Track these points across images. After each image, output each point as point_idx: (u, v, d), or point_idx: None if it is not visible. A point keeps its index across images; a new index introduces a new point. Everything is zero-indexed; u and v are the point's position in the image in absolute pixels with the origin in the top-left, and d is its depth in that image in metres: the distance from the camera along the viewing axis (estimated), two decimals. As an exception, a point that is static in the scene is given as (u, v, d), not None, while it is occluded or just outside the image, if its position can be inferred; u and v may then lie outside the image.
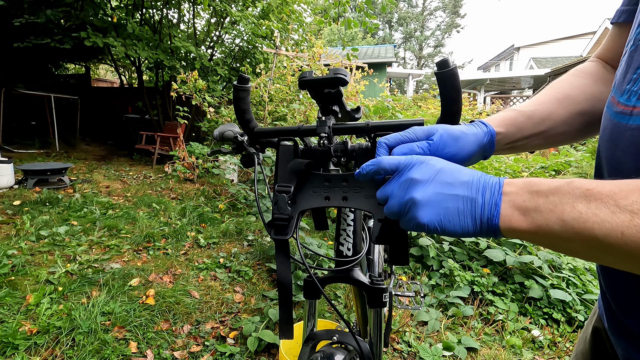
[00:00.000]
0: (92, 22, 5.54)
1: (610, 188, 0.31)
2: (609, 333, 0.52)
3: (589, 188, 0.32)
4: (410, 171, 0.41)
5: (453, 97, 0.52)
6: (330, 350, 0.77)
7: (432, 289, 2.35)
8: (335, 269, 0.74)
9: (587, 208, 0.31)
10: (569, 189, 0.33)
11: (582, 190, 0.32)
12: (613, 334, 0.50)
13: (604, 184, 0.32)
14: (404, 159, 0.43)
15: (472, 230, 0.38)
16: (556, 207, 0.33)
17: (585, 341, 0.62)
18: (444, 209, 0.38)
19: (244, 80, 0.65)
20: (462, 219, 0.38)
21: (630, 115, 0.40)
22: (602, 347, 0.57)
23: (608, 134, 0.44)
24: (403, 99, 8.48)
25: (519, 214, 0.35)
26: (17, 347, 1.59)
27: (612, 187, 0.31)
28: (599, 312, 0.58)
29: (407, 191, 0.40)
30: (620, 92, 0.43)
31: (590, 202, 0.31)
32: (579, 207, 0.31)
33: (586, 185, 0.32)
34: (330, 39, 24.13)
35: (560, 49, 18.89)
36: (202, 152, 4.68)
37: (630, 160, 0.40)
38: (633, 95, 0.40)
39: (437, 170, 0.40)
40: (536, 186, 0.35)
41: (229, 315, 2.04)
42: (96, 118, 9.47)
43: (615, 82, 0.45)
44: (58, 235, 2.86)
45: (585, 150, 5.43)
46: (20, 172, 4.57)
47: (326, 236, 3.08)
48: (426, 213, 0.39)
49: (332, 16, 4.90)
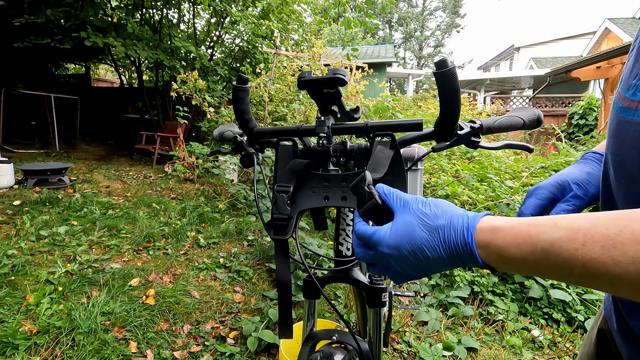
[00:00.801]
0: (92, 22, 5.54)
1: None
2: (613, 334, 0.52)
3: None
4: (382, 262, 0.46)
5: (452, 96, 0.52)
6: (329, 350, 0.77)
7: (432, 289, 2.35)
8: (335, 268, 0.74)
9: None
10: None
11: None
12: (618, 334, 0.50)
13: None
14: None
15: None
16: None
17: (590, 343, 0.62)
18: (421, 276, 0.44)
19: (243, 80, 0.65)
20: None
21: (635, 111, 0.40)
22: (607, 348, 0.57)
23: (614, 129, 0.44)
24: (403, 99, 8.48)
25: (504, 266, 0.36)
26: (17, 347, 1.59)
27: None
28: (604, 313, 0.58)
29: (386, 272, 0.45)
30: (626, 87, 0.42)
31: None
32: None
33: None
34: (330, 39, 24.13)
35: (560, 49, 18.88)
36: (202, 152, 4.68)
37: (634, 156, 0.39)
38: (639, 91, 0.40)
39: (402, 262, 0.42)
40: (512, 253, 0.35)
41: (229, 315, 2.04)
42: (96, 118, 9.47)
43: (623, 77, 0.45)
44: (58, 235, 2.86)
45: (585, 150, 5.42)
46: (20, 172, 4.57)
47: (326, 236, 3.08)
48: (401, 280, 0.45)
49: (332, 16, 4.90)
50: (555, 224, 0.32)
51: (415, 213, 0.41)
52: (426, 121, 3.77)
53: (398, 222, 0.42)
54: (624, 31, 12.13)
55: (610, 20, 13.06)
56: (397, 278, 0.44)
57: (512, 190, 2.93)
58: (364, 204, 0.46)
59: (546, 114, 10.86)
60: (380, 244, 0.42)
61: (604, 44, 13.46)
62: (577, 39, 18.64)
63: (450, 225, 0.38)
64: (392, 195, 0.45)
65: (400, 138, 0.66)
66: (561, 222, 0.32)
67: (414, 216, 0.41)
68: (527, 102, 12.33)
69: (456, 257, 0.38)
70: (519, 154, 5.02)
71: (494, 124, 0.62)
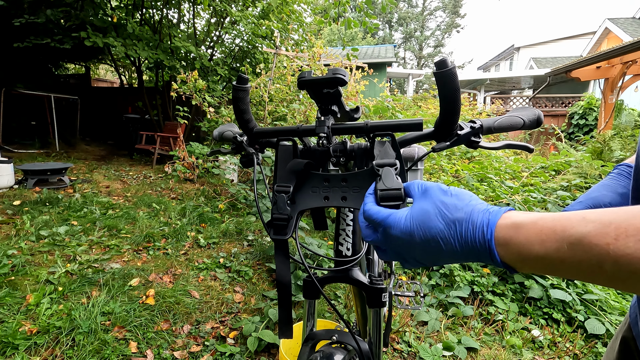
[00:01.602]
0: (92, 22, 5.54)
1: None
2: (637, 340, 0.51)
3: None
4: (390, 245, 0.44)
5: (452, 96, 0.52)
6: (329, 350, 0.77)
7: (432, 289, 2.35)
8: (335, 268, 0.74)
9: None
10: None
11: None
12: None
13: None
14: None
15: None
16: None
17: (613, 352, 0.61)
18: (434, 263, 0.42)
19: (243, 80, 0.65)
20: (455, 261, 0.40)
21: None
22: (630, 356, 0.56)
23: None
24: (403, 99, 8.48)
25: (526, 267, 0.34)
26: (17, 347, 1.59)
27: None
28: (629, 320, 0.57)
29: (395, 256, 0.44)
30: None
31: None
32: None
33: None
34: (330, 39, 24.13)
35: (560, 49, 18.89)
36: (202, 152, 4.68)
37: None
38: None
39: (413, 251, 0.41)
40: (536, 251, 0.33)
41: (229, 315, 2.04)
42: (96, 118, 9.48)
43: None
44: (58, 235, 2.86)
45: (585, 151, 5.43)
46: (20, 172, 4.57)
47: (326, 236, 3.08)
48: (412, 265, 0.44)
49: (332, 16, 4.90)
50: (584, 218, 0.30)
51: (435, 202, 0.39)
52: (426, 121, 3.77)
53: (416, 208, 0.40)
54: (624, 31, 12.13)
55: (610, 20, 13.06)
56: (407, 264, 0.43)
57: (512, 190, 2.93)
58: (387, 190, 0.46)
59: (546, 114, 10.86)
60: (393, 228, 0.40)
61: (604, 44, 13.46)
62: (577, 39, 18.64)
63: (470, 220, 0.36)
64: (414, 184, 0.44)
65: (401, 138, 0.66)
66: (590, 216, 0.30)
67: (433, 205, 0.39)
68: (527, 102, 12.33)
69: (472, 253, 0.36)
70: (519, 154, 5.02)
71: (494, 124, 0.62)
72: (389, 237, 0.41)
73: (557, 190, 3.20)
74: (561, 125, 10.71)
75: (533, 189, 2.99)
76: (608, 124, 6.72)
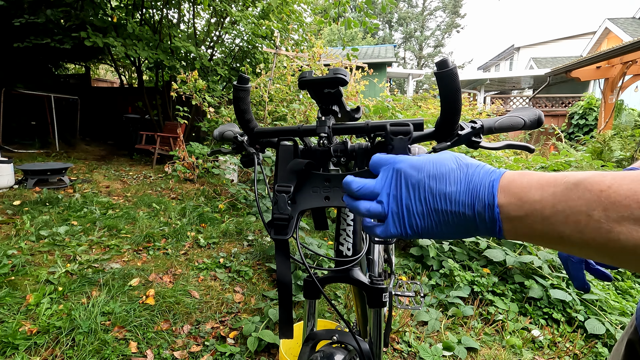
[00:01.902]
0: (92, 22, 5.54)
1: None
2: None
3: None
4: (394, 187, 0.41)
5: (452, 97, 0.52)
6: (330, 350, 0.77)
7: (432, 289, 2.35)
8: (335, 268, 0.74)
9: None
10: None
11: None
12: None
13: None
14: None
15: (464, 236, 0.38)
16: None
17: (619, 354, 0.61)
18: (433, 224, 0.38)
19: (243, 80, 0.65)
20: (453, 228, 0.38)
21: None
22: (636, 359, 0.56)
23: None
24: (403, 99, 8.48)
25: (524, 227, 0.34)
26: (17, 347, 1.59)
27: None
28: (635, 324, 0.57)
29: (396, 211, 0.40)
30: None
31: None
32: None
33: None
34: (330, 39, 24.13)
35: (560, 49, 18.89)
36: (202, 152, 4.68)
37: None
38: None
39: (418, 186, 0.40)
40: (532, 195, 0.33)
41: (229, 315, 2.04)
42: (96, 118, 9.47)
43: None
44: (58, 235, 2.86)
45: (585, 151, 5.43)
46: (20, 172, 4.57)
47: (326, 236, 3.08)
48: (416, 231, 0.40)
49: (332, 16, 4.90)
50: (584, 172, 0.31)
51: (452, 153, 0.40)
52: (426, 121, 3.77)
53: (432, 155, 0.40)
54: (624, 31, 12.14)
55: (610, 20, 13.07)
56: (395, 219, 0.38)
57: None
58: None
59: (546, 114, 10.86)
60: (402, 162, 0.39)
61: (604, 44, 13.46)
62: (577, 39, 18.65)
63: (482, 166, 0.37)
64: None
65: (401, 138, 0.66)
66: (590, 171, 0.31)
67: (449, 153, 0.40)
68: (527, 102, 12.34)
69: (473, 199, 0.35)
70: (519, 154, 5.02)
71: (494, 124, 0.62)
72: (393, 174, 0.39)
73: (557, 190, 3.19)
74: (561, 125, 10.72)
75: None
76: (608, 124, 6.73)
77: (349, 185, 0.41)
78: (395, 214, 0.39)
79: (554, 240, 0.32)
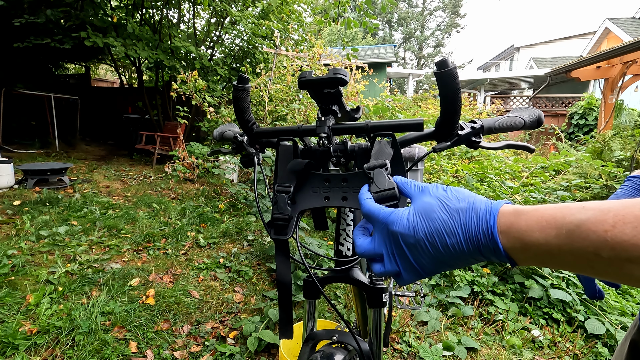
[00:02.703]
0: (92, 22, 5.54)
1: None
2: None
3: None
4: (394, 247, 0.41)
5: (452, 96, 0.52)
6: (329, 350, 0.77)
7: (432, 289, 2.35)
8: (335, 268, 0.74)
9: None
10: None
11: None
12: None
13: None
14: None
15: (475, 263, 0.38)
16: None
17: (622, 354, 0.61)
18: (442, 267, 0.40)
19: (243, 80, 0.65)
20: (463, 264, 0.39)
21: None
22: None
23: None
24: (403, 99, 8.48)
25: (533, 261, 0.34)
26: (17, 347, 1.59)
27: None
28: (638, 324, 0.57)
29: (405, 266, 0.41)
30: None
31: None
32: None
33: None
34: (330, 39, 24.12)
35: (560, 49, 18.89)
36: (202, 152, 4.68)
37: None
38: None
39: (417, 245, 0.39)
40: (536, 238, 0.33)
41: (229, 315, 2.04)
42: (96, 118, 9.48)
43: None
44: (58, 235, 2.86)
45: (585, 151, 5.43)
46: (20, 172, 4.57)
47: (326, 236, 3.08)
48: (428, 274, 0.41)
49: (332, 16, 4.90)
50: (583, 207, 0.31)
51: (436, 196, 0.39)
52: (426, 121, 3.77)
53: (418, 204, 0.40)
54: (624, 31, 12.14)
55: (610, 20, 13.07)
56: (407, 273, 0.40)
57: (512, 190, 2.93)
58: (381, 191, 0.46)
59: (546, 114, 10.86)
60: (396, 224, 0.39)
61: (604, 44, 13.46)
62: (577, 39, 18.65)
63: (472, 209, 0.36)
64: (410, 184, 0.44)
65: (401, 138, 0.66)
66: (590, 205, 0.30)
67: (435, 198, 0.39)
68: (527, 102, 12.34)
69: (475, 244, 0.35)
70: (519, 154, 5.02)
71: (494, 124, 0.62)
72: (390, 236, 0.40)
73: (557, 190, 3.20)
74: (561, 125, 10.71)
75: (533, 189, 2.99)
76: (608, 124, 6.72)
77: (357, 250, 0.44)
78: (403, 268, 0.40)
79: (568, 270, 0.33)
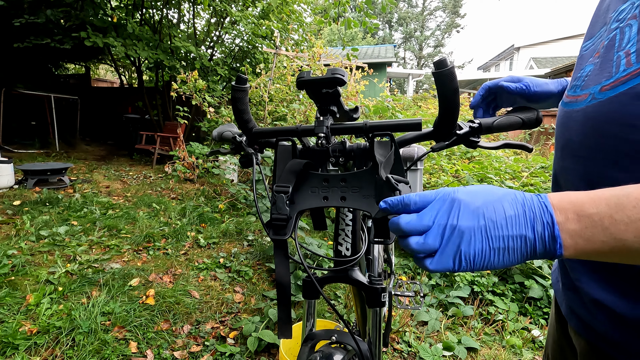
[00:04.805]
0: (92, 22, 5.54)
1: None
2: (557, 297, 0.60)
3: None
4: (450, 217, 0.38)
5: (450, 96, 0.52)
6: (329, 350, 0.77)
7: (432, 289, 2.35)
8: (334, 268, 0.74)
9: None
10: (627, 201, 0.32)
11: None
12: (561, 292, 0.58)
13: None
14: (434, 196, 0.40)
15: (518, 262, 0.37)
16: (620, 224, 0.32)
17: (553, 326, 0.68)
18: (491, 252, 0.36)
19: (241, 80, 0.65)
20: (511, 255, 0.36)
21: (575, 102, 0.50)
22: (559, 316, 0.63)
23: (560, 120, 0.55)
24: (403, 99, 8.48)
25: (584, 241, 0.34)
26: (17, 347, 1.59)
27: None
28: (554, 288, 0.65)
29: (451, 242, 0.37)
30: (570, 87, 0.54)
31: None
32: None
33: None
34: (330, 39, 24.11)
35: (560, 49, 18.88)
36: (202, 152, 4.68)
37: (575, 136, 0.49)
38: (577, 88, 0.51)
39: (478, 213, 0.37)
40: (587, 209, 0.34)
41: (229, 315, 2.04)
42: (96, 118, 9.48)
43: (569, 83, 0.57)
44: (58, 235, 2.86)
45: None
46: (20, 172, 4.57)
47: (326, 236, 3.08)
48: (471, 261, 0.37)
49: (332, 16, 4.90)
50: (623, 186, 0.34)
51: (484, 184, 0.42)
52: (426, 121, 3.77)
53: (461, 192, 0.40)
54: (624, 31, 12.12)
55: (611, 20, 13.05)
56: (462, 251, 0.36)
57: (512, 190, 2.92)
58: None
59: (546, 113, 10.85)
60: (458, 191, 0.38)
61: (604, 44, 13.44)
62: (577, 39, 18.62)
63: (522, 192, 0.38)
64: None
65: (400, 138, 0.66)
66: (630, 185, 0.33)
67: (483, 184, 0.41)
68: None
69: (534, 222, 0.35)
70: (519, 153, 5.02)
71: (493, 124, 0.62)
72: (452, 206, 0.38)
73: (557, 190, 3.18)
74: (561, 125, 10.70)
75: (533, 189, 2.99)
76: (608, 123, 6.73)
77: (398, 226, 0.39)
78: (449, 246, 0.37)
79: (616, 249, 0.33)
